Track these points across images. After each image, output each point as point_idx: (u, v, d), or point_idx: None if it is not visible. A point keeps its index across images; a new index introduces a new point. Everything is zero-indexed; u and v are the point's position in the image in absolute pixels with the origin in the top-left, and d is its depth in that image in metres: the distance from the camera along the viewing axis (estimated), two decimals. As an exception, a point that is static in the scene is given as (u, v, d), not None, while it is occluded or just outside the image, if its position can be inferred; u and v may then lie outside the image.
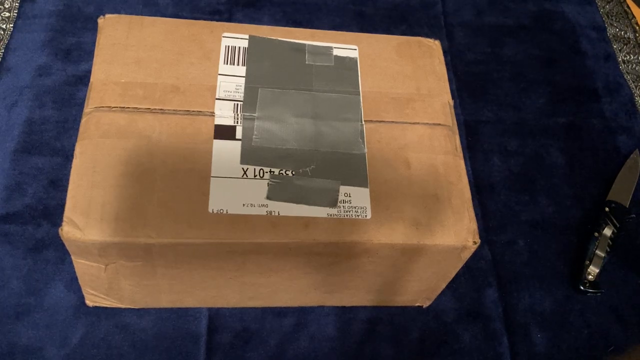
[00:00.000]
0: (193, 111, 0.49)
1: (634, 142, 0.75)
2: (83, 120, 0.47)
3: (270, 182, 0.46)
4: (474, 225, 0.47)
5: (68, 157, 0.61)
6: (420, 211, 0.47)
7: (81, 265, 0.46)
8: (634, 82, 0.81)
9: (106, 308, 0.54)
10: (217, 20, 0.59)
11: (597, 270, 0.61)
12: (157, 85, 0.49)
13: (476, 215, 0.50)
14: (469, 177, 0.64)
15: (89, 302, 0.53)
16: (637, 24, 0.87)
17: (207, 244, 0.44)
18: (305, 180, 0.47)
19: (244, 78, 0.51)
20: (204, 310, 0.55)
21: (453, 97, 0.64)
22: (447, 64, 0.60)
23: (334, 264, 0.49)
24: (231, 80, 0.51)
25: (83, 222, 0.42)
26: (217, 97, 0.50)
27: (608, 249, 0.63)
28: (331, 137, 0.49)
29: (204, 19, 0.59)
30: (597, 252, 0.62)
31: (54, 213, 0.58)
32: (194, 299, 0.53)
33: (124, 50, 0.51)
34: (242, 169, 0.47)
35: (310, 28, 0.56)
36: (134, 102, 0.48)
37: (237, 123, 0.49)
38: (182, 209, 0.44)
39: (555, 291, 0.62)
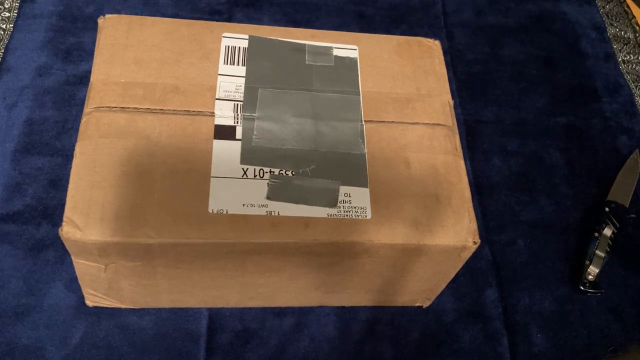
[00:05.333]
0: (193, 111, 0.49)
1: (634, 142, 0.75)
2: (83, 120, 0.47)
3: (270, 182, 0.46)
4: (474, 225, 0.47)
5: (68, 157, 0.61)
6: (420, 211, 0.47)
7: (81, 265, 0.46)
8: (634, 82, 0.81)
9: (106, 308, 0.54)
10: (217, 20, 0.59)
11: (597, 270, 0.61)
12: (157, 85, 0.49)
13: (476, 215, 0.50)
14: (469, 177, 0.64)
15: (89, 302, 0.53)
16: (637, 24, 0.87)
17: (207, 244, 0.44)
18: (305, 180, 0.47)
19: (244, 78, 0.51)
20: (204, 310, 0.55)
21: (453, 97, 0.64)
22: (447, 64, 0.60)
23: (334, 264, 0.49)
24: (231, 80, 0.51)
25: (83, 222, 0.42)
26: (217, 97, 0.50)
27: (608, 249, 0.63)
28: (331, 137, 0.49)
29: (204, 19, 0.59)
30: (597, 252, 0.62)
31: (54, 213, 0.58)
32: (194, 299, 0.53)
33: (123, 50, 0.51)
34: (242, 169, 0.47)
35: (310, 28, 0.56)
36: (134, 102, 0.48)
37: (237, 123, 0.49)
38: (182, 209, 0.44)
39: (555, 291, 0.62)
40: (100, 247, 0.43)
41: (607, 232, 0.64)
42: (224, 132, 0.48)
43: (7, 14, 0.71)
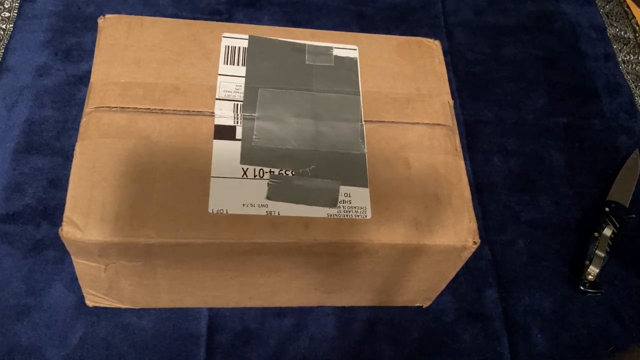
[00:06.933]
0: (193, 111, 0.49)
1: (634, 142, 0.75)
2: (83, 120, 0.47)
3: (270, 182, 0.46)
4: (474, 225, 0.47)
5: (68, 157, 0.61)
6: (420, 211, 0.47)
7: (81, 265, 0.46)
8: (634, 82, 0.81)
9: (106, 308, 0.54)
10: (217, 20, 0.59)
11: (597, 270, 0.61)
12: (157, 85, 0.49)
13: (476, 215, 0.50)
14: (469, 177, 0.64)
15: (89, 302, 0.53)
16: (637, 24, 0.87)
17: (207, 244, 0.44)
18: (305, 180, 0.47)
19: (244, 78, 0.51)
20: (204, 310, 0.55)
21: (453, 97, 0.64)
22: (447, 64, 0.60)
23: (334, 264, 0.49)
24: (231, 80, 0.51)
25: (83, 222, 0.42)
26: (217, 97, 0.50)
27: (608, 249, 0.63)
28: (331, 137, 0.49)
29: (204, 19, 0.59)
30: (597, 252, 0.62)
31: (54, 213, 0.58)
32: (194, 299, 0.53)
33: (123, 51, 0.51)
34: (242, 169, 0.47)
35: (310, 28, 0.56)
36: (134, 102, 0.48)
37: (237, 123, 0.49)
38: (182, 209, 0.44)
39: (555, 291, 0.62)
40: (100, 247, 0.43)
41: (607, 232, 0.64)
42: (224, 132, 0.48)
43: (7, 14, 0.71)
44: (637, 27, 0.87)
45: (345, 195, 0.47)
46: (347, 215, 0.46)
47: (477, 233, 0.47)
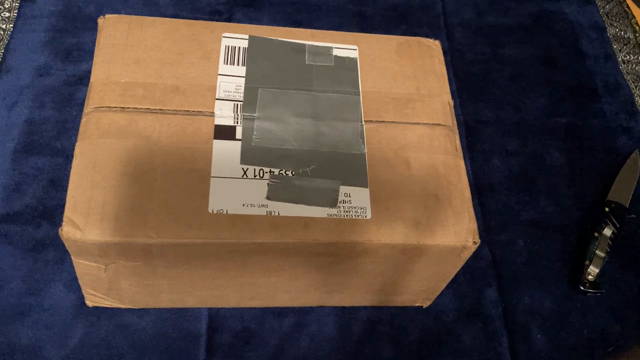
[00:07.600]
0: (193, 111, 0.49)
1: (634, 142, 0.75)
2: (83, 120, 0.47)
3: (270, 182, 0.46)
4: (474, 225, 0.47)
5: (68, 157, 0.61)
6: (420, 211, 0.47)
7: (81, 266, 0.46)
8: (634, 82, 0.81)
9: (106, 308, 0.54)
10: (217, 20, 0.59)
11: (597, 270, 0.61)
12: (157, 85, 0.49)
13: (476, 215, 0.50)
14: (469, 177, 0.64)
15: (89, 302, 0.53)
16: (637, 24, 0.87)
17: (207, 244, 0.44)
18: (305, 181, 0.47)
19: (243, 78, 0.51)
20: (204, 310, 0.55)
21: (453, 97, 0.64)
22: (447, 64, 0.60)
23: (334, 264, 0.49)
24: (231, 80, 0.51)
25: (83, 222, 0.42)
26: (217, 97, 0.50)
27: (608, 249, 0.63)
28: (331, 137, 0.49)
29: (204, 19, 0.59)
30: (597, 252, 0.62)
31: (54, 213, 0.58)
32: (194, 299, 0.53)
33: (123, 50, 0.51)
34: (242, 169, 0.47)
35: (310, 28, 0.56)
36: (134, 102, 0.48)
37: (237, 123, 0.49)
38: (182, 209, 0.44)
39: (555, 291, 0.62)
40: (100, 247, 0.43)
41: (607, 232, 0.64)
42: (224, 132, 0.48)
43: (7, 14, 0.71)
44: (637, 27, 0.87)
45: (345, 195, 0.47)
46: (347, 215, 0.46)
47: (477, 233, 0.47)
